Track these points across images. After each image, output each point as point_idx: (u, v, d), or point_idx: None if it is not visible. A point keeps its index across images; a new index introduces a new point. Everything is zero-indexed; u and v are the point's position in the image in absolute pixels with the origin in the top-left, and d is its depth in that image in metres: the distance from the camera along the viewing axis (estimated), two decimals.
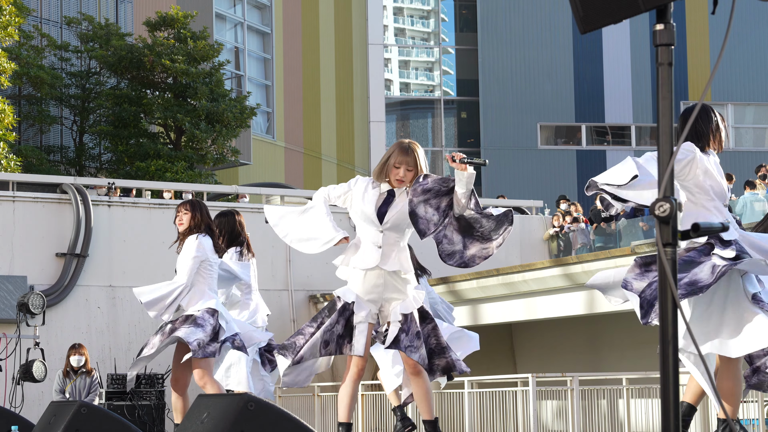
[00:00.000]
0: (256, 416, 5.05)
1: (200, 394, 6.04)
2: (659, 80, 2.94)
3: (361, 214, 6.35)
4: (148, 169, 24.84)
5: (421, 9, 41.22)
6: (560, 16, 37.98)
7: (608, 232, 19.92)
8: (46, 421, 6.90)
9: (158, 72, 26.13)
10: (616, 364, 16.99)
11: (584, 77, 38.04)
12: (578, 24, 3.05)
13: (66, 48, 27.11)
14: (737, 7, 2.90)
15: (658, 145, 2.92)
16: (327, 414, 16.89)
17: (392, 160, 6.34)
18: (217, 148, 26.02)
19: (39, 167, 24.51)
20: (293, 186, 27.82)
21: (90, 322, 17.84)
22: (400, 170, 6.31)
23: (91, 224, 17.81)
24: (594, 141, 38.34)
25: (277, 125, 33.16)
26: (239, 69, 32.17)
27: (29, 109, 26.13)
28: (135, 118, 26.00)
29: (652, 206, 2.87)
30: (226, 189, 21.73)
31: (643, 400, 14.10)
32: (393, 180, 6.33)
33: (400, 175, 6.31)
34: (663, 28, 2.93)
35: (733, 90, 37.71)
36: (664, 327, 2.88)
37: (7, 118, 21.75)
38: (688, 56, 37.72)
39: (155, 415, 15.54)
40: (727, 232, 4.76)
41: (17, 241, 17.58)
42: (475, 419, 14.26)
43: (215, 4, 31.38)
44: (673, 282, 2.86)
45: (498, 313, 16.57)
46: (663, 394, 2.85)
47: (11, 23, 22.87)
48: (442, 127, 39.71)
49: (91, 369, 13.81)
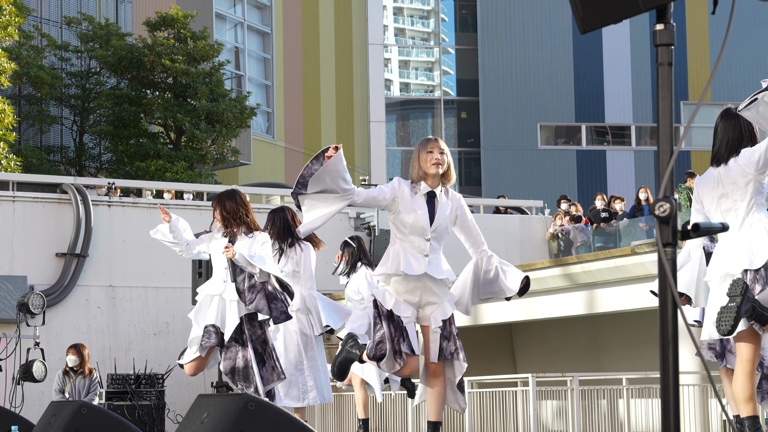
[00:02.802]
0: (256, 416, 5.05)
1: (200, 394, 6.03)
2: (659, 80, 2.94)
3: (412, 223, 6.39)
4: (148, 169, 24.84)
5: (421, 9, 41.21)
6: (560, 16, 37.97)
7: (608, 232, 19.92)
8: (46, 421, 6.90)
9: (158, 72, 26.13)
10: (616, 364, 16.98)
11: (584, 77, 38.04)
12: (578, 24, 3.05)
13: (66, 48, 27.11)
14: (737, 7, 2.90)
15: (658, 145, 2.92)
16: (327, 414, 16.88)
17: (422, 151, 6.43)
18: (217, 148, 26.02)
19: (39, 167, 24.50)
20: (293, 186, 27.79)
21: (90, 322, 17.84)
22: (434, 153, 6.40)
23: (91, 224, 17.81)
24: (594, 141, 38.34)
25: (277, 125, 33.16)
26: (239, 69, 32.17)
27: (29, 109, 26.13)
28: (135, 118, 26.00)
29: (652, 206, 2.87)
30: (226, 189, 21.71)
31: (643, 400, 14.10)
32: (430, 166, 6.38)
33: (436, 157, 6.39)
34: (663, 28, 2.93)
35: (733, 90, 37.70)
36: (664, 327, 2.88)
37: (7, 118, 21.74)
38: (688, 56, 37.72)
39: (155, 415, 15.54)
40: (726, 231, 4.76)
41: (17, 241, 17.58)
42: (475, 419, 14.26)
43: (215, 4, 31.38)
44: (673, 282, 2.86)
45: (498, 313, 16.57)
46: (663, 394, 2.85)
47: (11, 23, 22.86)
48: (442, 127, 39.71)
49: (90, 369, 13.80)
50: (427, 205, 6.39)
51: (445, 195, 6.48)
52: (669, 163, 2.87)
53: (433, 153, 6.39)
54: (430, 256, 6.36)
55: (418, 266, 6.35)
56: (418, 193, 6.40)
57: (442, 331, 6.41)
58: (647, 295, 14.37)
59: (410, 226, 6.36)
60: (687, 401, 13.22)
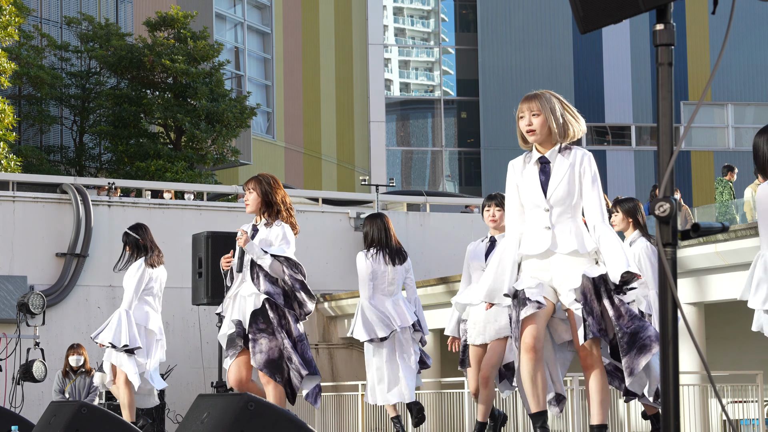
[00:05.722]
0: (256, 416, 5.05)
1: (200, 394, 6.03)
2: (659, 80, 2.93)
3: (527, 198, 5.53)
4: (148, 169, 24.84)
5: (421, 9, 41.21)
6: (560, 16, 37.98)
7: None
8: (46, 421, 6.90)
9: (158, 72, 26.13)
10: None
11: (584, 77, 38.04)
12: (578, 24, 3.05)
13: (66, 48, 27.11)
14: (737, 7, 2.90)
15: (658, 145, 2.92)
16: (327, 414, 16.88)
17: (517, 116, 5.57)
18: (217, 148, 26.02)
19: (39, 167, 24.51)
20: (293, 186, 27.82)
21: (90, 322, 17.83)
22: (525, 118, 5.50)
23: (91, 224, 17.81)
24: (594, 141, 38.34)
25: (277, 125, 33.16)
26: (239, 69, 32.17)
27: (29, 109, 26.13)
28: (135, 118, 26.01)
29: (652, 206, 2.87)
30: (226, 189, 21.73)
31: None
32: (526, 135, 5.51)
33: (527, 125, 5.47)
34: (663, 28, 2.93)
35: (733, 90, 37.70)
36: (664, 327, 2.88)
37: (7, 118, 21.75)
38: (688, 56, 37.71)
39: (155, 415, 15.54)
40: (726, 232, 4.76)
41: (17, 241, 17.58)
42: (475, 419, 14.23)
43: (215, 4, 31.38)
44: (673, 282, 2.86)
45: None
46: (663, 394, 2.85)
47: (11, 23, 22.87)
48: (442, 127, 39.71)
49: (90, 369, 13.80)
50: (540, 168, 5.53)
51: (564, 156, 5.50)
52: (669, 163, 2.87)
53: (524, 118, 5.52)
54: (555, 229, 5.49)
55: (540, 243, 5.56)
56: (529, 161, 5.58)
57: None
58: None
59: (527, 199, 5.58)
60: (687, 401, 13.22)
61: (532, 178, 5.48)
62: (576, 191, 5.44)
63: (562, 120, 5.46)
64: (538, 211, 5.45)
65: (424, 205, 21.69)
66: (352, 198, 22.42)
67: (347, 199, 21.85)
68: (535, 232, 5.45)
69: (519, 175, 5.57)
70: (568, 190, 5.42)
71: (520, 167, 5.58)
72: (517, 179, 5.58)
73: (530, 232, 5.47)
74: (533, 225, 5.47)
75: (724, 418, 13.63)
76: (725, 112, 37.45)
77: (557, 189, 5.42)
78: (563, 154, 5.48)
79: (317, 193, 22.57)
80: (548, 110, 5.45)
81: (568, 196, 5.42)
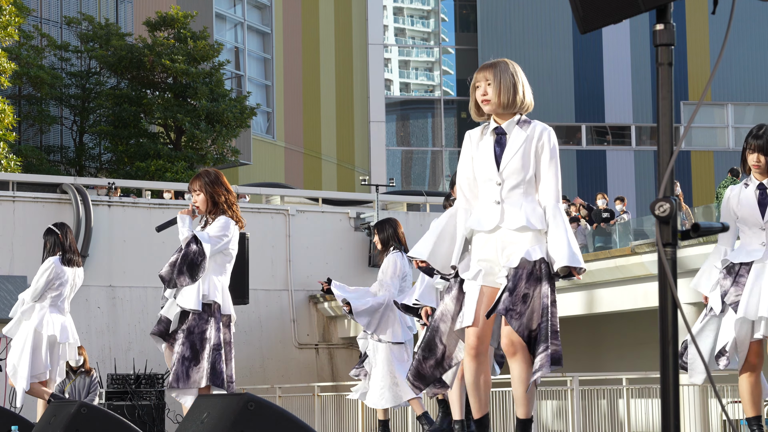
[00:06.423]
0: (256, 416, 5.05)
1: (200, 394, 6.02)
2: (659, 80, 2.93)
3: (480, 170, 5.26)
4: (148, 169, 24.85)
5: (421, 9, 41.22)
6: (560, 16, 37.98)
7: (608, 232, 19.92)
8: (46, 421, 6.90)
9: (158, 72, 26.14)
10: (616, 364, 16.98)
11: (584, 77, 38.05)
12: (578, 24, 3.05)
13: (66, 48, 27.12)
14: (737, 7, 2.90)
15: (658, 145, 2.92)
16: (327, 414, 16.88)
17: (473, 85, 5.28)
18: (217, 148, 26.03)
19: (39, 167, 24.51)
20: (293, 186, 27.83)
21: (90, 322, 17.83)
22: (480, 88, 5.23)
23: (91, 224, 17.81)
24: (594, 141, 38.35)
25: (277, 125, 33.16)
26: (239, 69, 32.17)
27: (29, 109, 26.14)
28: (135, 118, 26.01)
29: (652, 206, 2.87)
30: None
31: (643, 400, 14.10)
32: (481, 105, 5.23)
33: (481, 94, 5.20)
34: (663, 28, 2.93)
35: (733, 90, 37.71)
36: (664, 327, 2.88)
37: (7, 118, 21.75)
38: (688, 56, 37.72)
39: (155, 415, 15.54)
40: (727, 231, 4.77)
41: (17, 241, 17.58)
42: None
43: (215, 4, 31.38)
44: (673, 282, 2.86)
45: None
46: (663, 394, 2.85)
47: (11, 23, 22.88)
48: (442, 127, 39.71)
49: (90, 369, 13.80)
50: (495, 139, 5.30)
51: (522, 128, 5.27)
52: (669, 163, 2.87)
53: (479, 88, 5.26)
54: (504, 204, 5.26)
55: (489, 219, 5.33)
56: (486, 132, 5.32)
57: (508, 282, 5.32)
58: (647, 295, 14.38)
59: (480, 171, 5.33)
60: (687, 401, 13.22)
61: (487, 149, 5.24)
62: (531, 165, 5.19)
63: (521, 89, 5.23)
64: (490, 184, 5.22)
65: (424, 205, 21.69)
66: (352, 198, 22.43)
67: (347, 199, 21.86)
68: (486, 207, 5.23)
69: (474, 147, 5.31)
70: (522, 164, 5.17)
71: (477, 138, 5.32)
72: (473, 151, 5.33)
73: (481, 207, 5.25)
74: (484, 199, 5.24)
75: (724, 418, 13.64)
76: (725, 112, 37.45)
77: (511, 161, 5.18)
78: (521, 126, 5.24)
79: (317, 193, 22.59)
80: (505, 78, 5.20)
81: (522, 170, 5.17)
